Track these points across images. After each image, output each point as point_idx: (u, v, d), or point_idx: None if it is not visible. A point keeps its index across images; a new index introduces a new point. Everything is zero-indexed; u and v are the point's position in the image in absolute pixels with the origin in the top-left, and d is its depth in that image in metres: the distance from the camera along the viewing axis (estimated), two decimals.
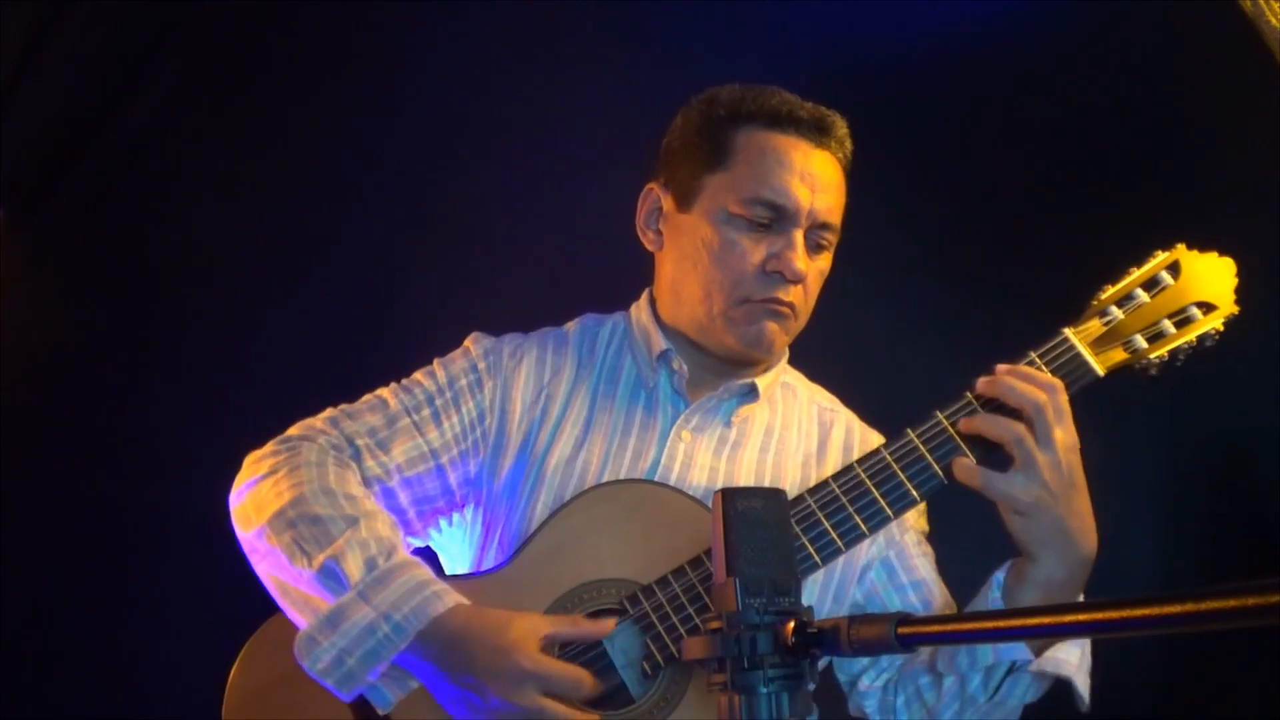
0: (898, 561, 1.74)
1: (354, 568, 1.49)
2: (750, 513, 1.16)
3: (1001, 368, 1.54)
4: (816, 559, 1.55)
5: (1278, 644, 2.05)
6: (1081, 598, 1.57)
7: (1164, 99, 2.47)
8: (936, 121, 2.58)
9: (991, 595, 1.56)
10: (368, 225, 2.59)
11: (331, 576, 1.49)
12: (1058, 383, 1.51)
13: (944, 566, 1.79)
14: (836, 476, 1.58)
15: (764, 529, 1.15)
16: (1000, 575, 1.57)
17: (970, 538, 1.71)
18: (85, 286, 2.60)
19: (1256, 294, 1.61)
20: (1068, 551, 1.50)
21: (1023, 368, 1.54)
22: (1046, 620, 1.02)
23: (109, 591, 2.47)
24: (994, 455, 1.55)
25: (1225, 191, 2.38)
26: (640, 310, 1.81)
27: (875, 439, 1.82)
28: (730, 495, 1.16)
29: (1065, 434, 1.50)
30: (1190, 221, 1.66)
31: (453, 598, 1.50)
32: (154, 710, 2.39)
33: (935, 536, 1.81)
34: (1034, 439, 1.48)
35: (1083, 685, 1.57)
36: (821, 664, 1.63)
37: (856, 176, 1.76)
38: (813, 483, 1.71)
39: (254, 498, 1.61)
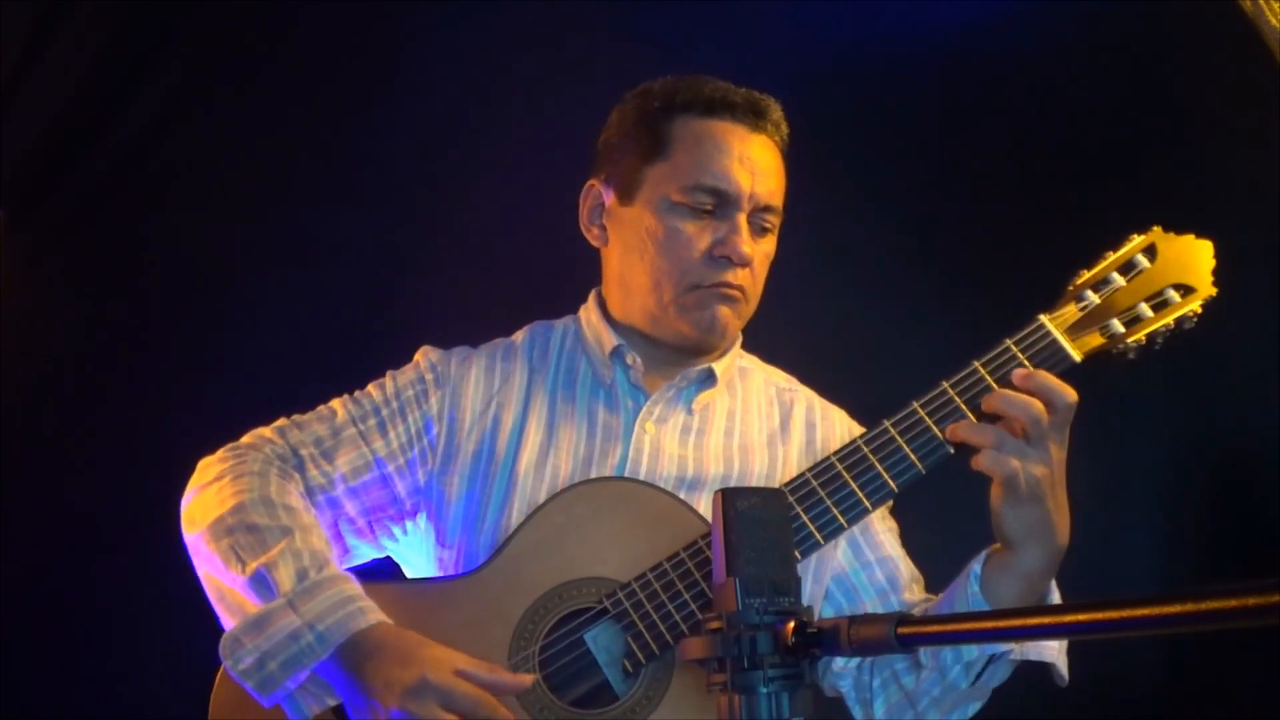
0: (863, 539, 1.75)
1: (285, 577, 1.51)
2: (750, 512, 1.16)
3: (1020, 373, 1.53)
4: (795, 554, 1.55)
5: (1278, 644, 2.05)
6: (1054, 584, 1.59)
7: (1164, 98, 2.47)
8: (917, 112, 2.58)
9: (971, 589, 1.56)
10: (368, 227, 2.58)
11: (262, 584, 1.52)
12: (1069, 396, 1.51)
13: (921, 557, 1.80)
14: (814, 468, 1.58)
15: (764, 529, 1.16)
16: (977, 568, 1.58)
17: (948, 527, 1.71)
18: (85, 286, 2.60)
19: (1256, 292, 1.61)
20: (1049, 542, 1.53)
21: (1042, 374, 1.52)
22: (1046, 620, 1.02)
23: (105, 591, 2.47)
24: (969, 455, 1.55)
25: (1225, 191, 2.38)
26: (589, 311, 1.83)
27: (836, 414, 1.84)
28: (730, 495, 1.16)
29: (1060, 437, 1.52)
30: (1190, 221, 1.66)
31: (376, 615, 1.52)
32: (142, 710, 2.38)
33: (918, 529, 1.82)
34: (1051, 425, 1.49)
35: (1063, 666, 1.61)
36: None
37: (836, 166, 1.77)
38: (780, 462, 1.74)
39: (199, 502, 1.65)
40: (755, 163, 1.68)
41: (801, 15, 2.56)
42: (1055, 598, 1.61)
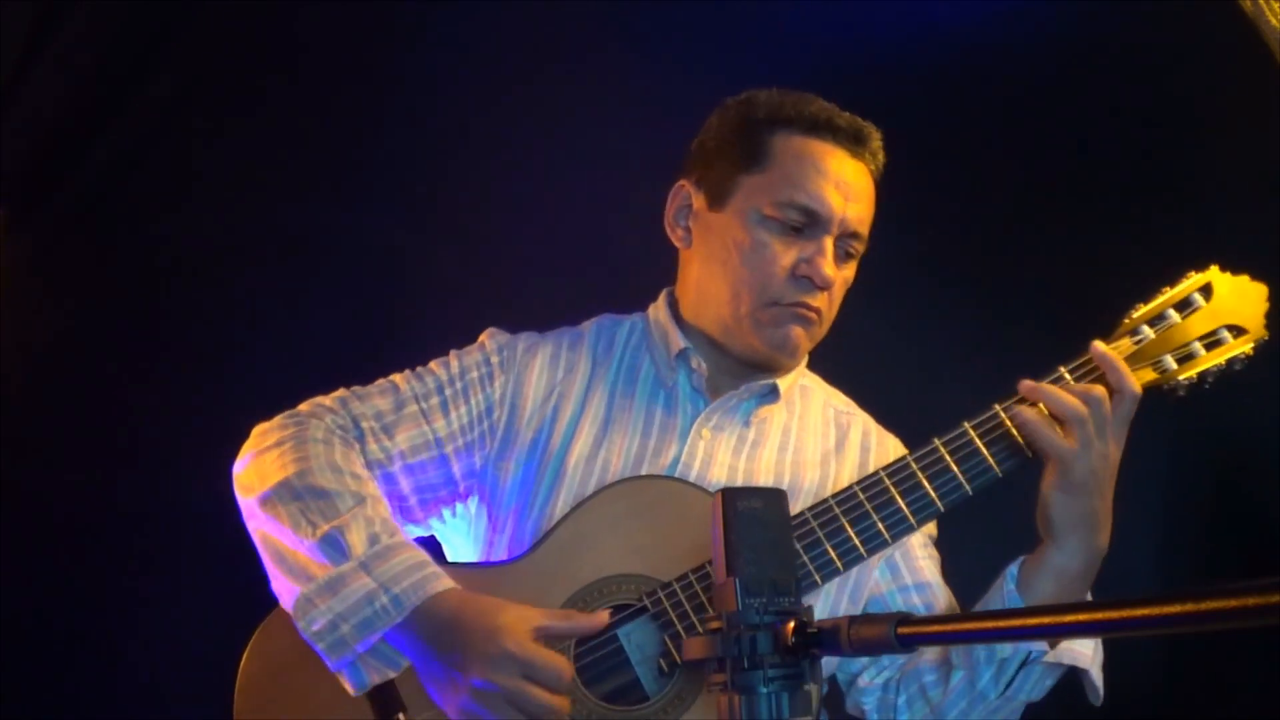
0: (902, 562, 1.74)
1: (357, 540, 1.52)
2: (750, 513, 1.16)
3: (1097, 348, 1.57)
4: (816, 578, 1.55)
5: (1278, 644, 2.05)
6: (1089, 596, 1.58)
7: (1162, 99, 2.47)
8: (964, 130, 2.57)
9: (1007, 588, 1.57)
10: (373, 225, 2.59)
11: (334, 546, 1.52)
12: (1135, 391, 1.53)
13: (951, 578, 1.79)
14: (862, 482, 1.58)
15: (764, 529, 1.15)
16: (1014, 569, 1.58)
17: (979, 548, 1.71)
18: (85, 286, 2.60)
19: None
20: (1089, 540, 1.54)
21: (1114, 356, 1.56)
22: (1046, 620, 1.02)
23: (113, 589, 2.47)
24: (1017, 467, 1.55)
25: (1223, 191, 2.38)
26: (659, 310, 1.83)
27: (891, 442, 1.83)
28: (730, 495, 1.16)
29: (1120, 432, 1.54)
30: (1189, 221, 1.67)
31: (448, 581, 1.53)
32: (166, 700, 2.39)
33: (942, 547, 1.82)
34: (1094, 424, 1.51)
35: (1097, 678, 1.60)
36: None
37: (892, 188, 1.77)
38: (831, 480, 1.74)
39: (258, 467, 1.64)
40: (850, 187, 1.68)
41: (834, 22, 2.56)
42: None
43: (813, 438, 1.78)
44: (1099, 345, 1.56)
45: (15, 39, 2.47)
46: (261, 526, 1.60)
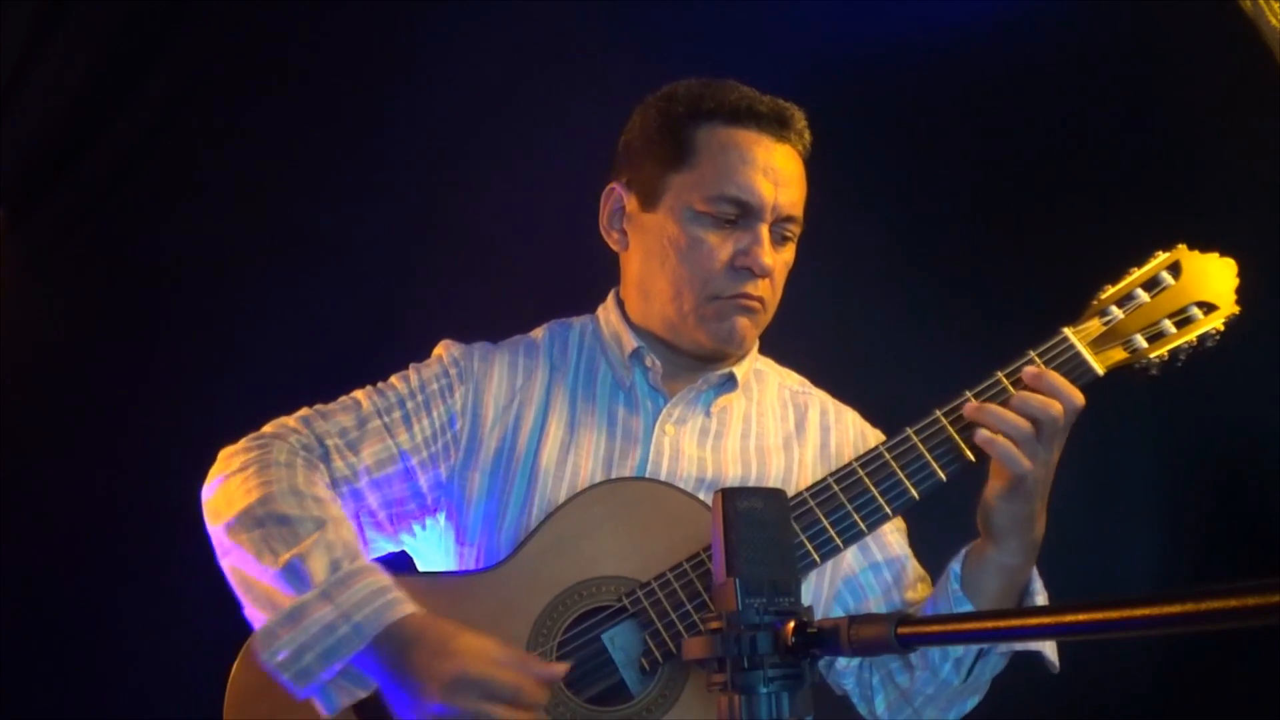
0: (872, 541, 1.75)
1: (318, 568, 1.52)
2: (750, 513, 1.16)
3: (1030, 371, 1.56)
4: (815, 557, 1.56)
5: (1278, 644, 2.05)
6: (1035, 573, 1.62)
7: (1163, 98, 2.47)
8: (936, 119, 2.58)
9: (951, 588, 1.59)
10: (370, 227, 2.59)
11: (295, 574, 1.52)
12: (1079, 400, 1.54)
13: (925, 558, 1.80)
14: (836, 474, 1.59)
15: (764, 529, 1.16)
16: (957, 567, 1.60)
17: (952, 531, 1.72)
18: (85, 286, 2.60)
19: (1254, 293, 1.61)
20: (1027, 537, 1.57)
21: (1052, 374, 1.55)
22: (1045, 620, 1.03)
23: (109, 590, 2.47)
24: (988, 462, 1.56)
25: (1224, 191, 2.39)
26: (608, 311, 1.83)
27: (850, 417, 1.85)
28: (730, 495, 1.17)
29: (1062, 439, 1.55)
30: (1189, 220, 1.67)
31: (410, 605, 1.52)
32: (156, 708, 2.39)
33: (917, 530, 1.82)
34: (1040, 439, 1.52)
35: (1052, 653, 1.62)
36: None
37: (857, 175, 1.77)
38: (795, 464, 1.75)
39: (224, 493, 1.63)
40: (779, 173, 1.68)
41: (810, 17, 2.56)
42: (1038, 585, 1.63)
43: (773, 421, 1.79)
44: (1031, 369, 1.55)
45: (15, 40, 2.46)
46: (228, 556, 1.60)
